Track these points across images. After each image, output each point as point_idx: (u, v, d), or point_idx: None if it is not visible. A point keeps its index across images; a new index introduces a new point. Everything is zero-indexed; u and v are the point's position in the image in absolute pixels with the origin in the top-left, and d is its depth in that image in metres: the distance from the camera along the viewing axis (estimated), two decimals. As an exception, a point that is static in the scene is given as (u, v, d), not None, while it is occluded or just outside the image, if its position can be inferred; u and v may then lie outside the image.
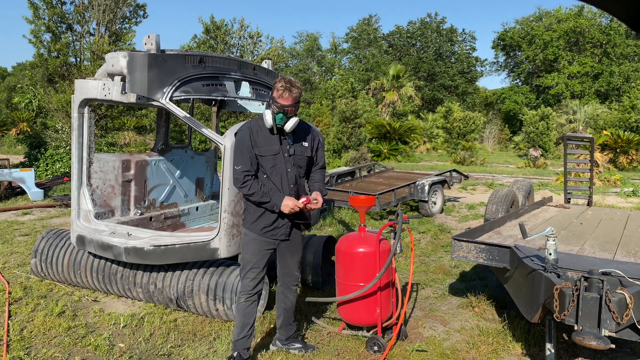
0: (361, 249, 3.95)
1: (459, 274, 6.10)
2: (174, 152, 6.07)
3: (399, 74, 36.51)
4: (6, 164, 12.86)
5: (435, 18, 53.63)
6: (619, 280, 3.02)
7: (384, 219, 9.41)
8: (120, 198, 5.32)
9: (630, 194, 13.94)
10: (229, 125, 21.42)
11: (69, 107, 15.24)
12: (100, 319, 4.47)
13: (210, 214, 6.45)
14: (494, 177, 18.83)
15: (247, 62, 5.30)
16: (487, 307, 4.91)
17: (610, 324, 2.88)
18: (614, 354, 3.96)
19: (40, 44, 16.52)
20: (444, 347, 4.05)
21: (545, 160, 27.09)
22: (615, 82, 43.41)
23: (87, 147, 4.95)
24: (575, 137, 7.68)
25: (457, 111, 33.71)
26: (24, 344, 3.94)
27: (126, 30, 17.93)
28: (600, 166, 18.02)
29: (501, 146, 42.33)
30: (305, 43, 55.73)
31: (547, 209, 6.54)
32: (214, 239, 4.22)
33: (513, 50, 51.57)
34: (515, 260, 3.75)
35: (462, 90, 51.14)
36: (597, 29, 45.32)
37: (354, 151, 21.97)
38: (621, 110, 33.58)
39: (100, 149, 16.65)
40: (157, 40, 4.24)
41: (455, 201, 12.20)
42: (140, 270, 4.70)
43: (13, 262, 6.12)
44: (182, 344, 4.01)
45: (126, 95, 4.35)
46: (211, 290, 4.34)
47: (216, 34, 25.18)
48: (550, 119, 32.01)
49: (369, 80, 42.99)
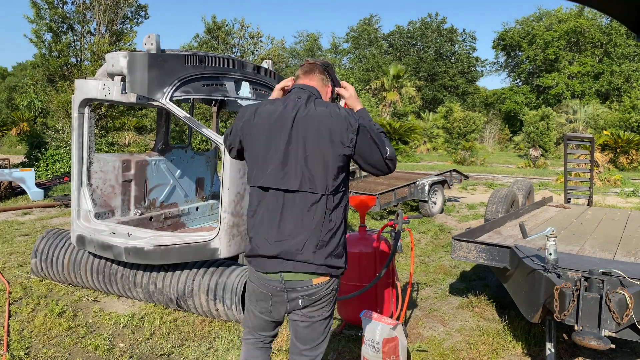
0: (361, 249, 3.95)
1: (459, 274, 6.10)
2: (174, 152, 6.08)
3: (400, 74, 36.53)
4: (6, 164, 12.86)
5: (435, 18, 53.65)
6: (619, 280, 3.02)
7: (384, 219, 9.41)
8: (120, 198, 5.32)
9: (630, 194, 13.94)
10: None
11: (69, 107, 15.24)
12: (101, 319, 4.47)
13: (211, 214, 6.45)
14: (494, 177, 18.83)
15: (247, 62, 5.31)
16: (487, 307, 4.91)
17: (610, 324, 2.88)
18: (614, 354, 3.96)
19: (41, 44, 16.54)
20: (444, 347, 4.05)
21: (545, 160, 27.09)
22: (615, 82, 43.39)
23: (88, 147, 4.95)
24: (576, 137, 7.67)
25: (458, 111, 33.73)
26: (24, 343, 3.94)
27: (127, 30, 17.95)
28: (600, 166, 18.01)
29: (501, 146, 42.33)
30: (306, 43, 55.76)
31: (547, 209, 6.53)
32: (214, 239, 4.22)
33: (513, 50, 51.54)
34: (515, 260, 3.75)
35: (463, 90, 51.13)
36: (597, 28, 45.28)
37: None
38: (621, 110, 33.60)
39: (101, 149, 16.65)
40: (157, 40, 4.24)
41: (455, 201, 12.20)
42: (140, 270, 4.71)
43: (13, 262, 6.13)
44: (182, 344, 4.01)
45: (126, 95, 4.35)
46: (211, 290, 4.34)
47: (217, 34, 25.21)
48: (550, 119, 32.01)
49: (369, 80, 42.98)
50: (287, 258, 2.22)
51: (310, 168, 2.21)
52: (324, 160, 2.20)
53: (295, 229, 2.21)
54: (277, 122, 2.26)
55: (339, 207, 2.28)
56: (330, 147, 2.20)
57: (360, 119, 2.25)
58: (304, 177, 2.21)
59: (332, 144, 2.19)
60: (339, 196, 2.27)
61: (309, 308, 2.28)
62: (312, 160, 2.21)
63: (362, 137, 2.21)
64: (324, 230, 2.21)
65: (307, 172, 2.21)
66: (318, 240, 2.20)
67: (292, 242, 2.20)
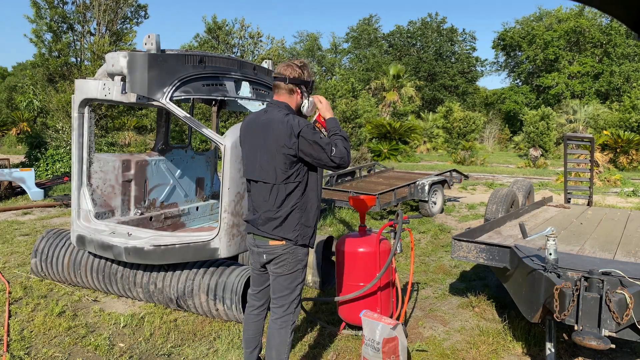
0: (361, 249, 3.95)
1: (459, 274, 6.10)
2: (174, 152, 6.07)
3: (400, 73, 36.53)
4: (6, 163, 12.86)
5: (435, 18, 53.66)
6: (619, 280, 3.02)
7: (384, 219, 9.41)
8: (120, 198, 5.32)
9: (630, 194, 13.94)
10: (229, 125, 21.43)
11: (69, 107, 15.25)
12: (101, 318, 4.47)
13: (211, 214, 6.45)
14: (494, 177, 18.83)
15: (247, 62, 5.31)
16: (487, 307, 4.91)
17: (610, 324, 2.88)
18: (614, 354, 3.96)
19: (41, 44, 16.55)
20: (444, 347, 4.05)
21: (545, 160, 27.10)
22: (615, 82, 43.40)
23: (87, 147, 4.95)
24: (576, 137, 7.67)
25: (458, 111, 33.72)
26: (24, 343, 3.94)
27: (127, 30, 17.95)
28: (600, 166, 18.02)
29: (501, 146, 42.33)
30: (306, 43, 55.76)
31: (547, 209, 6.53)
32: (214, 239, 4.22)
33: (513, 50, 51.56)
34: (515, 260, 3.75)
35: (463, 90, 51.14)
36: (597, 28, 45.30)
37: (354, 151, 21.98)
38: (621, 110, 33.59)
39: (101, 149, 16.65)
40: (157, 40, 4.24)
41: (455, 201, 12.20)
42: (140, 270, 4.71)
43: (13, 262, 6.13)
44: (182, 344, 4.01)
45: (126, 95, 4.35)
46: (211, 290, 4.34)
47: (217, 33, 25.22)
48: (550, 119, 32.00)
49: (369, 80, 42.99)
50: (255, 225, 3.06)
51: (265, 163, 2.96)
52: (273, 158, 2.92)
53: (259, 206, 3.05)
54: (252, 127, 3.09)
55: (292, 193, 2.96)
56: (277, 148, 2.90)
57: (306, 127, 2.88)
58: (262, 170, 2.98)
59: (278, 145, 2.89)
60: (291, 186, 2.95)
61: (272, 265, 3.06)
62: (266, 158, 2.96)
63: (303, 141, 2.85)
64: (274, 209, 2.97)
65: (264, 166, 2.97)
66: (269, 216, 2.98)
67: (256, 215, 3.06)
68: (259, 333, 3.30)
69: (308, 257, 3.17)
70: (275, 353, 3.05)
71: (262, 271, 3.20)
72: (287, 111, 3.00)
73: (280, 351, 3.05)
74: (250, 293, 3.33)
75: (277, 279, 3.06)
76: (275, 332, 3.07)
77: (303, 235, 3.01)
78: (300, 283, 3.11)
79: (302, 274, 3.11)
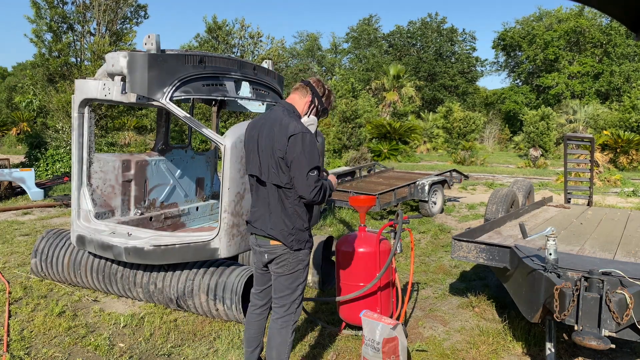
0: (361, 249, 3.95)
1: (459, 274, 6.10)
2: (174, 152, 6.07)
3: (400, 74, 36.51)
4: (6, 163, 12.86)
5: (435, 18, 53.62)
6: (619, 280, 3.02)
7: (384, 219, 9.41)
8: (120, 198, 5.32)
9: (630, 194, 13.94)
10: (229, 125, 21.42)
11: (69, 107, 15.25)
12: (101, 318, 4.47)
13: (211, 214, 6.45)
14: (494, 177, 18.83)
15: (247, 62, 5.30)
16: (487, 307, 4.91)
17: (610, 324, 2.88)
18: (614, 354, 3.96)
19: (41, 44, 16.54)
20: (444, 347, 4.05)
21: (545, 160, 27.08)
22: (615, 82, 43.37)
23: (87, 147, 4.95)
24: (576, 137, 7.67)
25: (458, 111, 33.68)
26: (24, 343, 3.94)
27: (127, 30, 17.95)
28: (600, 166, 18.01)
29: (501, 146, 42.30)
30: (306, 43, 55.74)
31: (547, 209, 6.54)
32: (214, 239, 4.22)
33: (513, 50, 51.53)
34: (515, 260, 3.75)
35: (463, 90, 51.11)
36: (597, 28, 45.27)
37: (354, 151, 21.98)
38: (621, 110, 33.55)
39: (101, 149, 16.65)
40: (157, 40, 4.24)
41: (455, 201, 12.20)
42: (140, 270, 4.71)
43: (13, 262, 6.13)
44: (182, 344, 4.01)
45: (126, 95, 4.35)
46: (211, 290, 4.34)
47: (218, 34, 25.22)
48: (550, 119, 31.97)
49: (369, 80, 42.97)
50: (256, 225, 3.08)
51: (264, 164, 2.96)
52: (271, 159, 2.91)
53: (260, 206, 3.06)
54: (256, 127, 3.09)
55: (289, 197, 2.94)
56: (273, 150, 2.89)
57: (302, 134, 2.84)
58: (262, 170, 2.98)
59: (274, 148, 2.89)
60: (288, 189, 2.92)
61: (274, 264, 3.07)
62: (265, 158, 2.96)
63: (292, 145, 2.82)
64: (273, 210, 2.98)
65: (264, 167, 2.97)
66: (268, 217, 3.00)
67: (257, 215, 3.08)
68: (260, 332, 3.31)
69: (310, 258, 3.17)
70: (275, 353, 3.05)
71: (265, 271, 3.22)
72: (290, 113, 3.01)
73: (281, 351, 3.05)
74: (253, 292, 3.35)
75: (279, 279, 3.08)
76: (276, 332, 3.08)
77: (298, 239, 3.01)
78: (302, 283, 3.12)
79: (304, 274, 3.12)
